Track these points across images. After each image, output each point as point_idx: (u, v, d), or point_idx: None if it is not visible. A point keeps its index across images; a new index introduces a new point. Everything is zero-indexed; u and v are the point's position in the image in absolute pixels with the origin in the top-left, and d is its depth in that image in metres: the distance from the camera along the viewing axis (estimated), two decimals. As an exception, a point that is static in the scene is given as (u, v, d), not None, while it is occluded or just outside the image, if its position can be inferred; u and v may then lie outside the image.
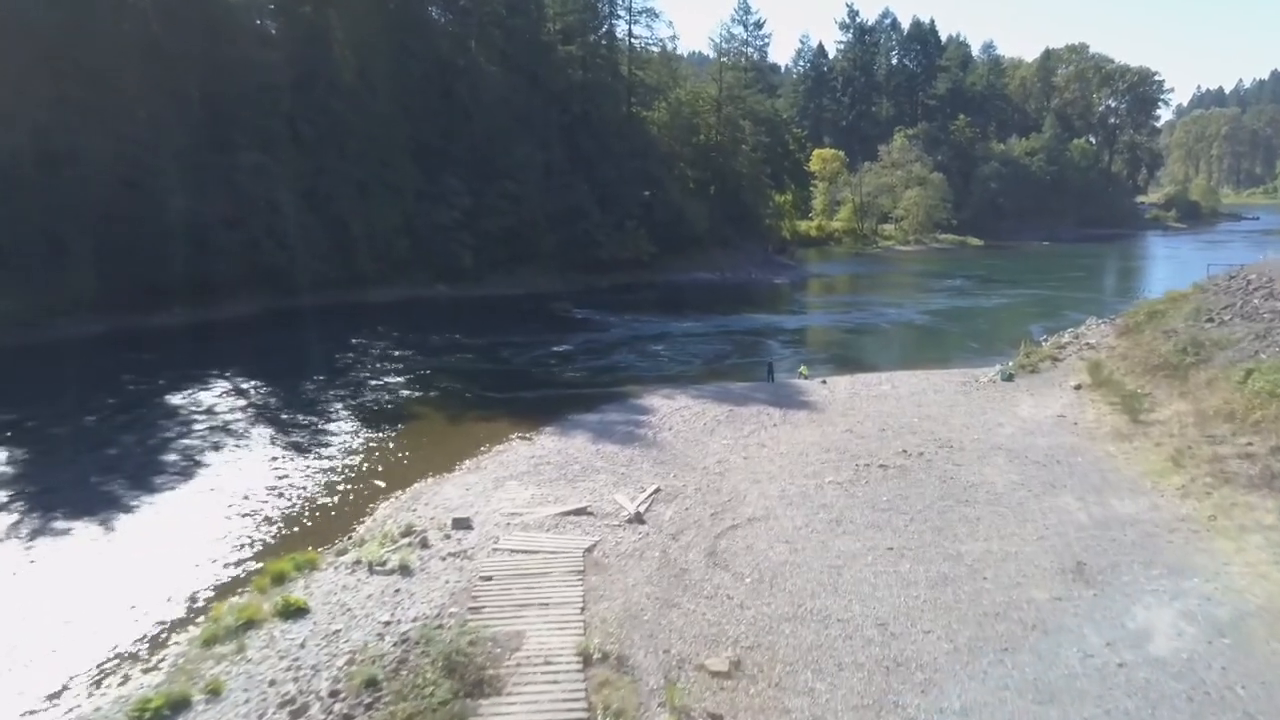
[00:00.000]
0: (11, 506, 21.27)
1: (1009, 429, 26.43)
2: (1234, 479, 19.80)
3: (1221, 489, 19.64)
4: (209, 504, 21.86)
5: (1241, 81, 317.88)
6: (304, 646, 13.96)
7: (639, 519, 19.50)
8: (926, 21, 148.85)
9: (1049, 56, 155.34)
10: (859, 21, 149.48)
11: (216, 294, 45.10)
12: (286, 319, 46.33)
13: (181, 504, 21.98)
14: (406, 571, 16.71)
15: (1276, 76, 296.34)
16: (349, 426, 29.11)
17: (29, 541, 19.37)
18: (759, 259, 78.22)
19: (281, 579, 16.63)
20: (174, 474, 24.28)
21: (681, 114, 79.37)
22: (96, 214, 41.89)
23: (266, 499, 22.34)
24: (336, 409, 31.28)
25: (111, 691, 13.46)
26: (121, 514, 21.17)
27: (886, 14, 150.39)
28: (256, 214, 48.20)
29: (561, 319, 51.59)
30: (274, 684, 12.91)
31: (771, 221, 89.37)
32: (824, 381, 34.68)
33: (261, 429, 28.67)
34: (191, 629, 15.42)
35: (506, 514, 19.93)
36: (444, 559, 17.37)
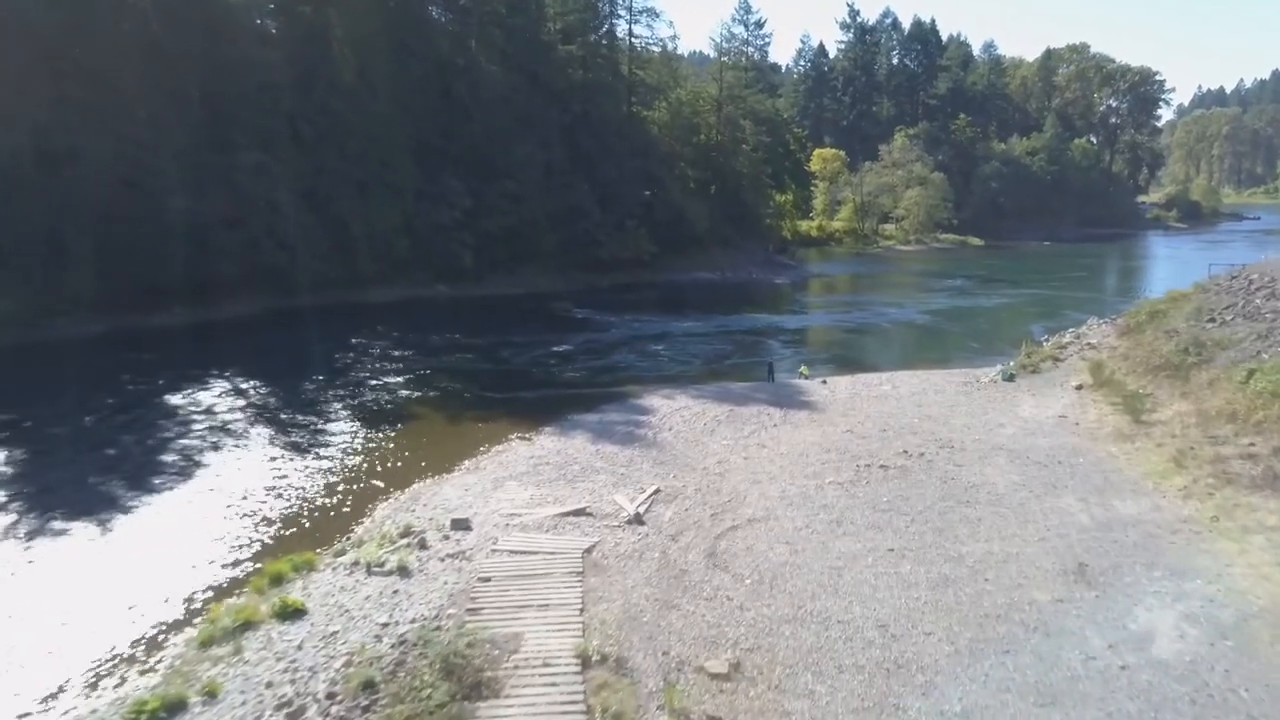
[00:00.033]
0: (10, 506, 21.22)
1: (1010, 429, 26.34)
2: (1236, 480, 19.72)
3: (1224, 490, 19.56)
4: (208, 504, 21.81)
5: (1242, 81, 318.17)
6: (301, 648, 13.90)
7: (638, 520, 19.42)
8: (927, 21, 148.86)
9: (1050, 56, 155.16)
10: (860, 21, 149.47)
11: (216, 294, 45.04)
12: (286, 319, 46.27)
13: (180, 504, 21.92)
14: (405, 573, 16.65)
15: (1277, 76, 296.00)
16: (348, 427, 29.06)
17: (27, 542, 19.32)
18: (759, 259, 78.11)
19: (279, 580, 16.59)
20: (173, 474, 24.22)
21: (682, 114, 79.31)
22: (96, 214, 41.85)
23: (265, 499, 22.29)
24: (336, 409, 31.24)
25: (108, 693, 13.41)
26: (120, 514, 21.13)
27: (887, 13, 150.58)
28: (256, 214, 48.16)
29: (562, 319, 51.51)
30: (271, 686, 12.86)
31: (772, 221, 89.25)
32: (824, 381, 34.62)
33: (261, 429, 28.61)
34: (188, 630, 15.35)
35: (505, 515, 19.86)
36: (442, 560, 17.30)
